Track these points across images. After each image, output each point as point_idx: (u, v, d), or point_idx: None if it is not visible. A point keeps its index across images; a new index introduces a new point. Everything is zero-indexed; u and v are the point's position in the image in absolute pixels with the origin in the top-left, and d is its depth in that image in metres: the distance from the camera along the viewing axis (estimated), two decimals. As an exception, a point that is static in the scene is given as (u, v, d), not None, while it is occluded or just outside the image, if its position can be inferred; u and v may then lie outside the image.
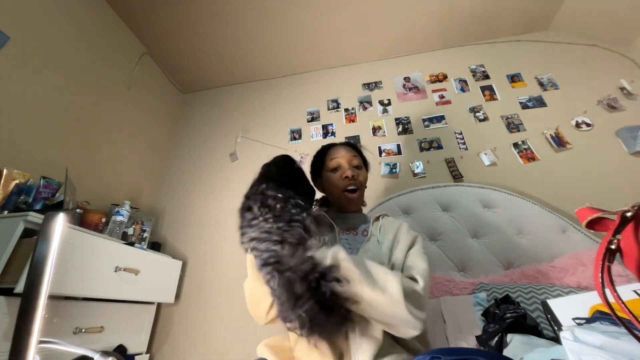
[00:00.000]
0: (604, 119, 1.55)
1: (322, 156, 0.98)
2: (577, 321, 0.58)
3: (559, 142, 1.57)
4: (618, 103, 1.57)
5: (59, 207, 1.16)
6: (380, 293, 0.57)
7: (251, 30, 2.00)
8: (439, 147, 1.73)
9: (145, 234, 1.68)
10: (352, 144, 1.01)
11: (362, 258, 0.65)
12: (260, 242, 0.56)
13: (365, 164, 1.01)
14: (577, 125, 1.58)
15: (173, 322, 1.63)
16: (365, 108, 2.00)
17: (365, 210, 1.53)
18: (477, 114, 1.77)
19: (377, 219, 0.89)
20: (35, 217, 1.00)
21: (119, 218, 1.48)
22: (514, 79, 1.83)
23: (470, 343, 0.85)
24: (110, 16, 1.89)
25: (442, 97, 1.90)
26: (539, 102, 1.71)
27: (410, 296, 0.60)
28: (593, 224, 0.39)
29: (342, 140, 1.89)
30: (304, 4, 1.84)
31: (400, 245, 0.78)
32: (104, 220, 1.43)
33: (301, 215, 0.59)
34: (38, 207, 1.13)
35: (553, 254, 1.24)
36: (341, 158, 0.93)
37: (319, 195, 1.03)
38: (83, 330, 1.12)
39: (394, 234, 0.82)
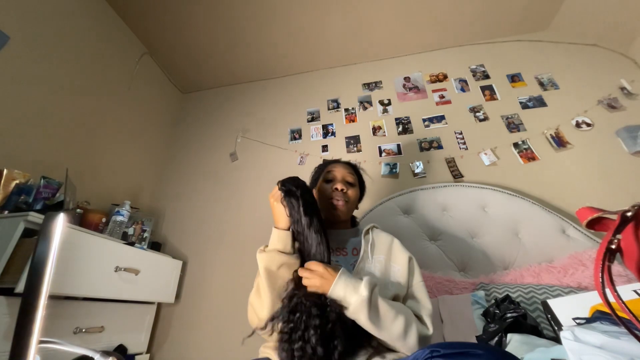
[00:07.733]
0: (604, 119, 1.55)
1: (321, 169, 1.03)
2: (577, 321, 0.58)
3: (559, 141, 1.56)
4: (618, 103, 1.57)
5: (59, 207, 1.16)
6: (401, 344, 0.66)
7: (251, 30, 2.00)
8: (439, 147, 1.73)
9: (146, 234, 1.68)
10: (353, 165, 1.05)
11: (379, 300, 0.67)
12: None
13: (361, 184, 1.04)
14: (578, 125, 1.58)
15: (173, 322, 1.63)
16: (365, 108, 2.00)
17: (364, 209, 1.54)
18: (477, 114, 1.77)
19: (367, 232, 0.90)
20: (36, 217, 1.00)
21: (119, 218, 1.47)
22: (514, 78, 1.83)
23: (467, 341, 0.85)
24: (110, 16, 1.89)
25: (442, 97, 1.90)
26: (539, 102, 1.71)
27: (423, 342, 0.67)
28: (593, 224, 0.39)
29: (342, 140, 1.91)
30: (303, 4, 1.84)
31: (399, 267, 0.82)
32: (104, 220, 1.43)
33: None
34: (38, 207, 1.13)
35: (553, 254, 1.24)
36: (337, 172, 0.97)
37: None
38: (83, 330, 1.12)
39: (385, 254, 0.84)
